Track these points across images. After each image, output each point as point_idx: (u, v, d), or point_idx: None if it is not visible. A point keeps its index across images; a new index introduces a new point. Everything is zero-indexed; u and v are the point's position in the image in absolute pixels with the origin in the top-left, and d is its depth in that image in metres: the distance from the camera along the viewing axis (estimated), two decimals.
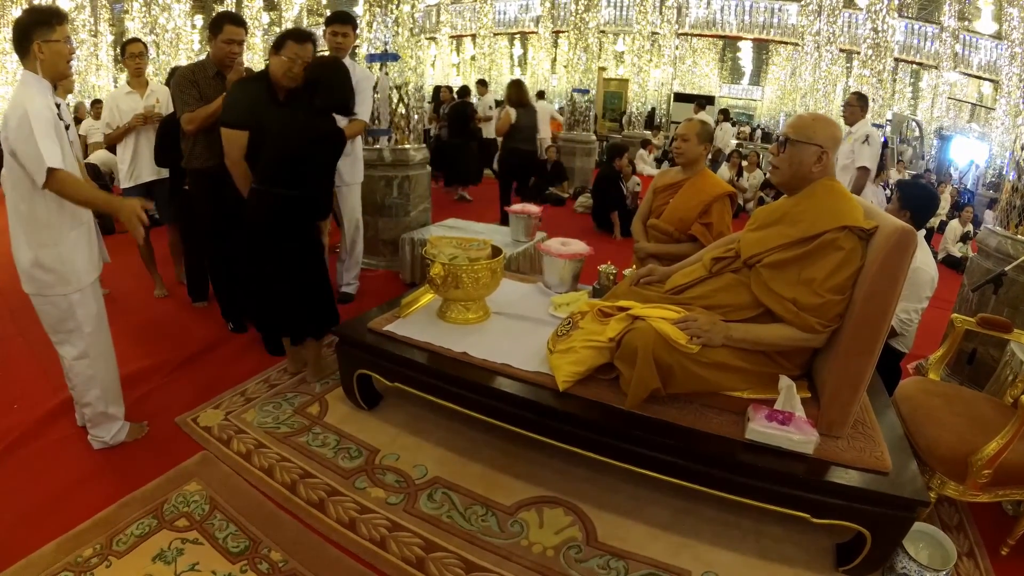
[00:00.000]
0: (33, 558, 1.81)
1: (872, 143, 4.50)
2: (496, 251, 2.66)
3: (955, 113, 16.54)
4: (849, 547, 1.90)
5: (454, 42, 20.70)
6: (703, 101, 12.36)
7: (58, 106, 2.00)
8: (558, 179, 8.47)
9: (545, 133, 10.45)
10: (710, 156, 6.27)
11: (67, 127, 2.04)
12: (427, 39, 18.59)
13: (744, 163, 8.86)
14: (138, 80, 3.85)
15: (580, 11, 9.31)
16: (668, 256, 2.86)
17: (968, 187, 11.42)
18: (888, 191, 7.05)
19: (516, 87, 6.08)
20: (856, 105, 4.73)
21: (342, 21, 3.60)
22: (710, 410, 2.02)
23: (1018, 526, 2.04)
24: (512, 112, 5.89)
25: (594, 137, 9.64)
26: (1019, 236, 3.07)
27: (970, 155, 13.68)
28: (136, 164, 3.80)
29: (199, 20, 17.42)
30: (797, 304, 1.88)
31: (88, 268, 2.17)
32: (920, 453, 2.02)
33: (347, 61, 3.64)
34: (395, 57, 4.41)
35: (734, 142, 12.01)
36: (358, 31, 3.79)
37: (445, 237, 2.71)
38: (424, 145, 4.88)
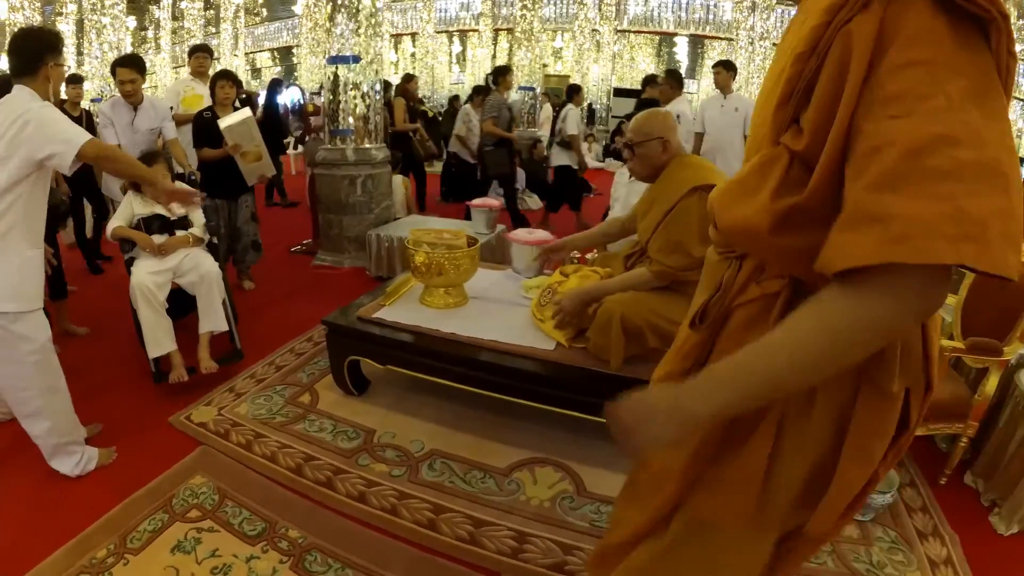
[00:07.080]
0: (44, 565, 1.80)
1: None
2: (472, 240, 2.84)
3: None
4: None
5: (393, 40, 20.57)
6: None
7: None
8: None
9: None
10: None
11: None
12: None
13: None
14: None
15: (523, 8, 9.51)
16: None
17: None
18: None
19: None
20: None
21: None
22: None
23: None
24: None
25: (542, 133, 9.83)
26: None
27: None
28: None
29: (131, 22, 16.67)
30: (676, 268, 2.10)
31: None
32: None
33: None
34: (356, 59, 4.51)
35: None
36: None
37: (421, 229, 2.87)
38: (384, 144, 4.98)
